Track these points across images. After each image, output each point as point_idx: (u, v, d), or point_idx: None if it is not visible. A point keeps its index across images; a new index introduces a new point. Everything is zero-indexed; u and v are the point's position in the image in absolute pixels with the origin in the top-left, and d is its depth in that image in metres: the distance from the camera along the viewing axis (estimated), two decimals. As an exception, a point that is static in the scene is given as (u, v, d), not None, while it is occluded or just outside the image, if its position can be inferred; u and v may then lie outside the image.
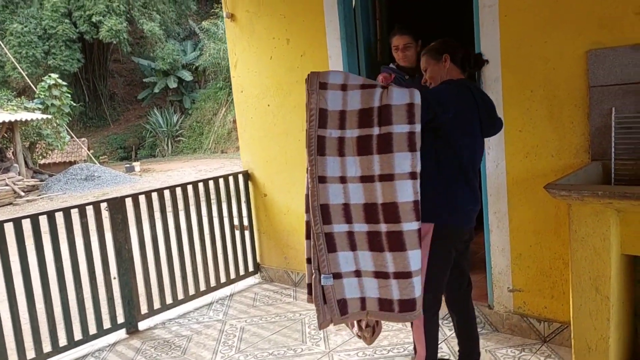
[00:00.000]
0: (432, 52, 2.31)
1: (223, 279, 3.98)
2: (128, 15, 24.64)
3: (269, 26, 3.83)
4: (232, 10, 4.04)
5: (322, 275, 2.04)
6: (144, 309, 3.54)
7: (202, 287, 3.84)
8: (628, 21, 2.34)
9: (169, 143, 25.14)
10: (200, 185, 3.86)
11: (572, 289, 2.24)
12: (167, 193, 3.67)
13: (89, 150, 20.04)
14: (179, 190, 3.73)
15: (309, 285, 2.14)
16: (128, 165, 19.17)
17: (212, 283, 3.90)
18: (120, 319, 3.43)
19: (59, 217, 3.11)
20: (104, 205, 3.33)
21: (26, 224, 2.96)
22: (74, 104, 19.66)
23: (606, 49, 2.41)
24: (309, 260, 2.13)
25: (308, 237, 2.12)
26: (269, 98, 3.93)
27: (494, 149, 2.84)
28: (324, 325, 2.10)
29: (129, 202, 3.44)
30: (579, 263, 2.19)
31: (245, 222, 4.16)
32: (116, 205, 3.36)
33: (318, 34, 3.55)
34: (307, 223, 2.10)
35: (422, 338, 2.29)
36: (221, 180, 3.99)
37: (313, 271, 2.06)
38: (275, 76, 3.86)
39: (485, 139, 2.79)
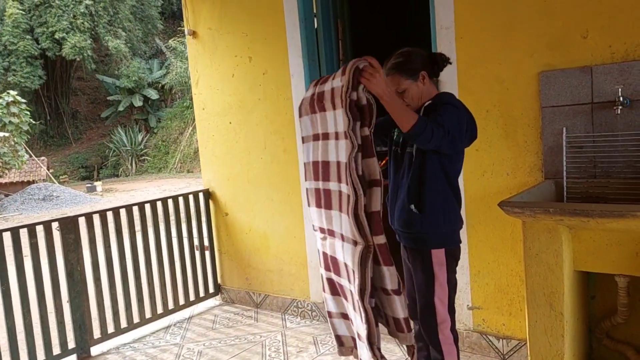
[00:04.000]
0: (407, 71, 2.05)
1: (182, 301, 3.87)
2: (93, 32, 24.31)
3: (231, 44, 3.81)
4: (193, 27, 4.01)
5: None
6: (96, 334, 3.40)
7: (160, 310, 3.72)
8: (576, 44, 2.42)
9: (133, 162, 24.70)
10: (159, 204, 3.77)
11: (527, 306, 2.26)
12: (123, 212, 3.56)
13: (48, 170, 19.46)
14: (136, 210, 3.63)
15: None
16: (89, 185, 18.71)
17: (170, 305, 3.79)
18: (71, 344, 3.28)
19: (7, 238, 2.97)
20: (55, 225, 3.21)
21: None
22: (34, 122, 19.13)
23: (556, 71, 2.49)
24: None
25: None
26: (231, 115, 3.90)
27: (452, 167, 2.88)
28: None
29: (82, 222, 3.32)
30: (533, 279, 2.22)
31: (206, 242, 4.08)
32: (68, 225, 3.24)
33: (280, 53, 3.55)
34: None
35: None
36: (181, 199, 3.91)
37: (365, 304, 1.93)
38: (237, 94, 3.84)
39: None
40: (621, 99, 2.26)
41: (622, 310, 2.31)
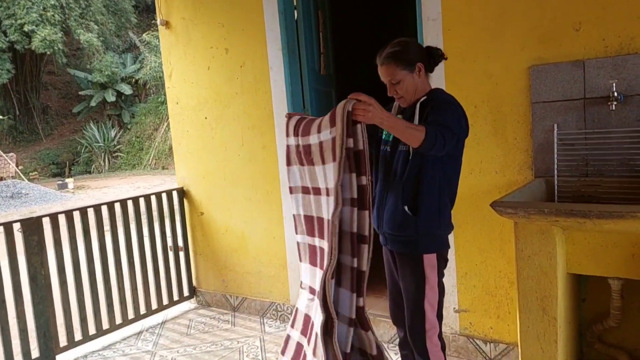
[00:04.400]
0: (403, 61, 1.91)
1: (154, 305, 3.68)
2: (64, 26, 23.62)
3: (207, 35, 3.63)
4: (166, 17, 3.82)
5: None
6: (62, 341, 3.19)
7: (131, 315, 3.53)
8: (568, 37, 2.33)
9: (106, 159, 24.13)
10: (130, 203, 3.57)
11: (519, 310, 2.16)
12: (91, 212, 3.36)
13: (17, 166, 18.85)
14: (105, 209, 3.43)
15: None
16: (61, 182, 18.14)
17: (142, 310, 3.60)
18: (35, 353, 3.07)
19: (-38, 240, 2.75)
20: (17, 226, 2.99)
21: None
22: (2, 117, 18.49)
23: (548, 65, 2.39)
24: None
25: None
26: (207, 110, 3.72)
27: (438, 165, 2.76)
28: None
29: (46, 222, 3.11)
30: (526, 283, 2.12)
31: (180, 242, 3.90)
32: (31, 225, 3.02)
33: (259, 45, 3.39)
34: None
35: None
36: (153, 198, 3.72)
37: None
38: (213, 87, 3.66)
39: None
40: (615, 94, 2.17)
41: (615, 313, 2.23)
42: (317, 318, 1.84)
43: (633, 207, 1.79)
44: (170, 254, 3.84)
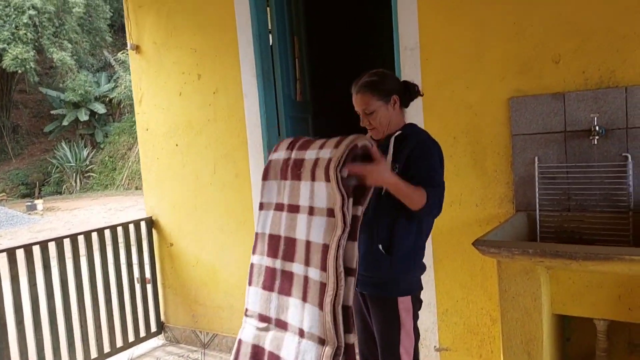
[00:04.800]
0: (379, 91, 1.86)
1: (120, 343, 3.47)
2: (36, 44, 23.23)
3: (179, 60, 3.52)
4: (137, 41, 3.69)
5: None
6: (18, 385, 2.97)
7: (94, 354, 3.31)
8: (548, 69, 2.28)
9: (78, 179, 23.60)
10: (95, 235, 3.39)
11: (503, 353, 2.06)
12: (52, 246, 3.16)
13: (-16, 187, 18.23)
14: (67, 242, 3.23)
15: None
16: (29, 203, 17.61)
17: (106, 348, 3.38)
18: (-14, 400, 2.85)
19: None
20: (-32, 263, 2.79)
21: None
22: (-32, 136, 17.93)
23: (527, 97, 2.34)
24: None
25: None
26: (178, 137, 3.58)
27: (417, 197, 2.67)
28: None
29: (2, 258, 2.91)
30: (510, 325, 2.02)
31: (148, 275, 3.71)
32: (-16, 262, 2.82)
33: (232, 70, 3.29)
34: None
35: None
36: (120, 229, 3.54)
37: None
38: (184, 114, 3.53)
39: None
40: (597, 128, 2.12)
41: (601, 355, 2.14)
42: (308, 352, 1.68)
43: (620, 248, 1.73)
44: (137, 287, 3.64)
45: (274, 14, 3.28)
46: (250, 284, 1.90)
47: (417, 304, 1.95)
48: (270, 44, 3.32)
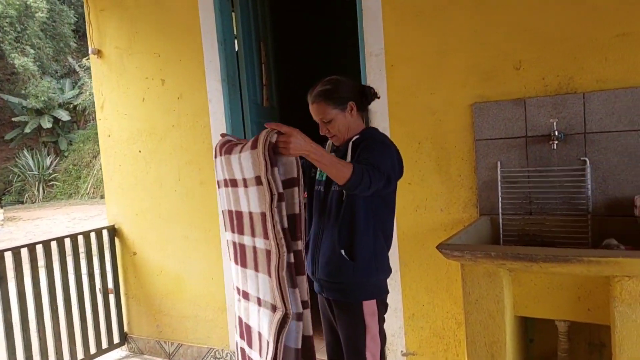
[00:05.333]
0: (334, 100, 1.87)
1: (80, 355, 3.35)
2: (-3, 49, 22.61)
3: (142, 65, 3.45)
4: (98, 46, 3.61)
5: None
6: (-31, 403, 2.84)
7: (53, 367, 3.20)
8: (509, 75, 2.33)
9: (40, 188, 22.94)
10: (54, 244, 3.27)
11: (468, 355, 2.07)
12: (9, 255, 3.04)
13: (-61, 197, 17.55)
14: (25, 252, 3.12)
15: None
16: (-11, 213, 17.00)
17: (66, 361, 3.27)
18: None
19: None
20: None
21: None
22: None
23: (490, 102, 2.38)
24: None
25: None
26: (141, 143, 3.51)
27: (383, 202, 2.68)
28: None
29: (-47, 269, 2.79)
30: (474, 327, 2.04)
31: (110, 284, 3.60)
32: None
33: (197, 75, 3.24)
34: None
35: None
36: (80, 238, 3.43)
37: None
38: (148, 120, 3.47)
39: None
40: (556, 133, 2.16)
41: (562, 355, 2.18)
42: (264, 319, 1.66)
43: (578, 250, 1.76)
44: (99, 297, 3.54)
45: (239, 18, 3.26)
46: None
47: (382, 307, 1.94)
48: (236, 49, 3.29)
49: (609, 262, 1.68)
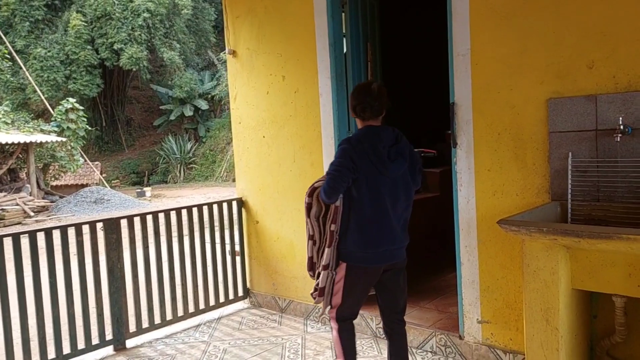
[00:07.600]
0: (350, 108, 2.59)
1: (212, 302, 4.14)
2: (149, 44, 25.36)
3: (267, 63, 4.09)
4: (234, 47, 4.32)
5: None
6: (132, 328, 3.71)
7: (191, 309, 4.00)
8: (582, 74, 2.54)
9: (182, 170, 25.50)
10: (195, 210, 4.06)
11: (525, 320, 2.37)
12: (161, 216, 3.88)
13: (101, 174, 20.47)
14: (173, 214, 3.93)
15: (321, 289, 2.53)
16: (139, 190, 19.52)
17: (201, 306, 4.06)
18: (109, 336, 3.60)
19: (56, 236, 3.31)
20: (99, 225, 3.54)
21: (25, 240, 3.17)
22: (90, 128, 20.15)
23: (564, 98, 2.61)
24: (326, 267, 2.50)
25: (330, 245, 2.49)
26: (265, 130, 4.17)
27: (465, 186, 3.02)
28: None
29: (123, 223, 3.65)
30: (531, 295, 2.34)
31: (237, 247, 4.35)
32: (111, 225, 3.57)
33: (311, 73, 3.80)
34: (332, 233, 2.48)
35: (339, 346, 2.57)
36: (215, 207, 4.20)
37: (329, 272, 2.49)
38: (271, 110, 4.11)
39: (458, 176, 3.00)
40: (622, 127, 2.36)
41: (619, 329, 2.39)
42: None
43: (620, 229, 1.99)
44: (228, 258, 4.29)
45: (348, 20, 3.74)
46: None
47: (351, 273, 2.46)
48: (344, 51, 3.78)
49: (645, 240, 1.89)
